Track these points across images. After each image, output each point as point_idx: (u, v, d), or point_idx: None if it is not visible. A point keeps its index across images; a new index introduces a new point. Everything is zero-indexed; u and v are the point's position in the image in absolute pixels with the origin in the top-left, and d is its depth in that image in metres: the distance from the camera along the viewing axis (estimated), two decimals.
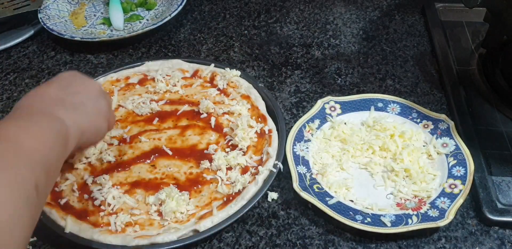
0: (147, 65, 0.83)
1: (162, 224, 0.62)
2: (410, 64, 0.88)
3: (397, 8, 1.02)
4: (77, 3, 1.02)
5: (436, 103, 0.80)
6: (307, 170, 0.68)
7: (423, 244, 0.62)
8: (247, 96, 0.78)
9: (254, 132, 0.72)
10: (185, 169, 0.69)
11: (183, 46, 0.93)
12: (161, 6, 1.01)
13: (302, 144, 0.71)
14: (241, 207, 0.63)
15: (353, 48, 0.92)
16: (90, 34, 0.94)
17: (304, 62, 0.89)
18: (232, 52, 0.91)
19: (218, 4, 1.03)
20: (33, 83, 0.86)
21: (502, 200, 0.65)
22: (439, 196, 0.64)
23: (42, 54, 0.92)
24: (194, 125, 0.74)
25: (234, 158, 0.68)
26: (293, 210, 0.66)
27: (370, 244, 0.62)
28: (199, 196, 0.66)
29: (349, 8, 1.02)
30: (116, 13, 0.96)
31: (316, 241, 0.63)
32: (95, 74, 0.84)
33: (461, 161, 0.67)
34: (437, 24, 0.93)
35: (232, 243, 0.63)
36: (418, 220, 0.61)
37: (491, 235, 0.63)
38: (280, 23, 0.98)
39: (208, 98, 0.78)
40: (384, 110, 0.76)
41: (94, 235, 0.60)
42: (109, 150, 0.70)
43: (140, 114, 0.76)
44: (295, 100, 0.81)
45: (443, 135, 0.71)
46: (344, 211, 0.62)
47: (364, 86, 0.84)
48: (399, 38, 0.94)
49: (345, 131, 0.73)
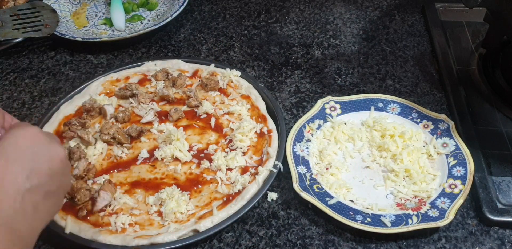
0: (147, 65, 0.83)
1: (162, 224, 0.62)
2: (410, 64, 0.88)
3: (397, 8, 1.02)
4: (78, 3, 1.02)
5: (436, 103, 0.80)
6: (307, 170, 0.68)
7: (423, 244, 0.62)
8: (247, 97, 0.78)
9: (254, 132, 0.72)
10: (185, 169, 0.69)
11: (183, 46, 0.93)
12: (162, 7, 1.01)
13: (302, 144, 0.71)
14: (241, 207, 0.63)
15: (353, 48, 0.92)
16: (91, 34, 0.94)
17: (304, 62, 0.89)
18: (232, 52, 0.91)
19: (218, 4, 1.03)
20: (33, 83, 0.86)
21: (502, 200, 0.65)
22: (439, 196, 0.64)
23: (42, 54, 0.92)
24: (194, 125, 0.74)
25: (233, 158, 0.68)
26: (293, 210, 0.66)
27: (370, 244, 0.62)
28: (199, 196, 0.66)
29: (349, 8, 1.02)
30: (118, 14, 0.96)
31: (316, 241, 0.63)
32: (95, 74, 0.84)
33: (461, 161, 0.67)
34: (437, 24, 0.93)
35: (232, 243, 0.63)
36: (418, 220, 0.61)
37: (491, 235, 0.63)
38: (280, 23, 0.98)
39: (208, 98, 0.78)
40: (384, 111, 0.76)
41: (94, 235, 0.60)
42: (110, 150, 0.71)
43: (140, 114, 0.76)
44: (295, 100, 0.81)
45: (443, 135, 0.71)
46: (344, 211, 0.62)
47: (364, 86, 0.84)
48: (399, 38, 0.94)
49: (345, 131, 0.73)
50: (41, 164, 0.44)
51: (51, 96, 0.84)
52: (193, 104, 0.77)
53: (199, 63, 0.84)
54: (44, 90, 0.85)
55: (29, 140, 0.45)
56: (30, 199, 0.42)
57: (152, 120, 0.75)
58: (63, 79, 0.87)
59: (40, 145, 0.45)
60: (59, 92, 0.84)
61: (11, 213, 0.40)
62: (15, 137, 0.45)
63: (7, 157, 0.43)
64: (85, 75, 0.87)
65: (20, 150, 0.44)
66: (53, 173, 0.45)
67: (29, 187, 0.42)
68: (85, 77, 0.87)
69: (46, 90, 0.85)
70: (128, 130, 0.73)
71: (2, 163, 0.42)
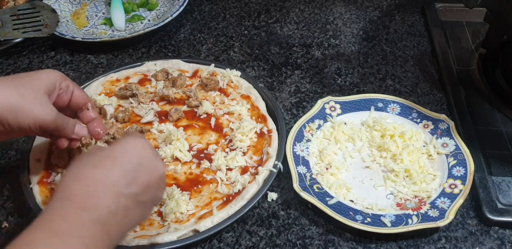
0: (147, 65, 0.84)
1: (162, 224, 0.62)
2: (410, 64, 0.88)
3: (397, 8, 1.02)
4: (78, 3, 1.02)
5: (436, 103, 0.80)
6: (307, 170, 0.68)
7: (423, 244, 0.62)
8: (247, 97, 0.78)
9: (254, 132, 0.72)
10: (185, 169, 0.69)
11: (183, 46, 0.93)
12: (162, 7, 1.01)
13: (302, 144, 0.71)
14: (241, 207, 0.63)
15: (353, 48, 0.92)
16: (91, 34, 0.94)
17: (304, 62, 0.89)
18: (232, 52, 0.91)
19: (218, 4, 1.03)
20: None
21: (502, 200, 0.65)
22: (439, 196, 0.64)
23: (42, 54, 0.92)
24: (194, 125, 0.74)
25: (233, 158, 0.68)
26: (293, 210, 0.66)
27: (370, 244, 0.62)
28: (199, 196, 0.66)
29: (349, 8, 1.02)
30: (118, 14, 0.96)
31: (316, 241, 0.63)
32: (95, 74, 0.84)
33: (461, 161, 0.67)
34: (437, 24, 0.93)
35: (232, 243, 0.63)
36: (418, 220, 0.61)
37: (491, 235, 0.63)
38: (280, 23, 0.98)
39: (208, 98, 0.78)
40: (384, 111, 0.76)
41: None
42: None
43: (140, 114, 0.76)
44: (295, 100, 0.81)
45: (443, 135, 0.71)
46: (344, 211, 0.62)
47: (364, 86, 0.84)
48: (399, 38, 0.94)
49: (345, 131, 0.73)
50: (142, 176, 0.47)
51: None
52: (193, 104, 0.77)
53: (199, 63, 0.84)
54: None
55: (138, 152, 0.49)
56: (124, 203, 0.45)
57: (152, 120, 0.75)
58: None
59: (146, 158, 0.49)
60: None
61: (106, 212, 0.43)
62: (127, 144, 0.49)
63: (115, 161, 0.46)
64: (85, 75, 0.87)
65: (128, 159, 0.47)
66: (150, 186, 0.48)
67: (127, 193, 0.45)
68: (85, 77, 0.87)
69: None
70: (128, 130, 0.73)
71: (110, 165, 0.46)
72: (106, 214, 0.43)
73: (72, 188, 0.44)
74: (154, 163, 0.49)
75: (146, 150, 0.49)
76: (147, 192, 0.48)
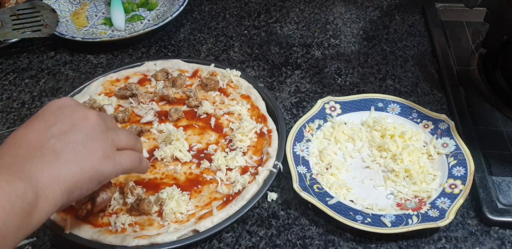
0: (147, 65, 0.83)
1: (162, 224, 0.62)
2: (410, 64, 0.88)
3: (397, 8, 1.02)
4: (78, 3, 1.02)
5: (436, 103, 0.80)
6: (307, 170, 0.68)
7: (423, 244, 0.62)
8: (247, 97, 0.78)
9: (254, 132, 0.72)
10: (185, 169, 0.69)
11: (183, 46, 0.93)
12: (162, 7, 1.01)
13: (302, 144, 0.71)
14: (241, 207, 0.63)
15: (353, 48, 0.92)
16: (91, 34, 0.94)
17: (304, 62, 0.89)
18: (232, 52, 0.91)
19: (218, 4, 1.03)
20: (32, 83, 0.86)
21: (502, 200, 0.65)
22: (439, 196, 0.64)
23: (42, 54, 0.92)
24: (193, 125, 0.74)
25: (233, 158, 0.68)
26: (293, 210, 0.66)
27: (370, 244, 0.62)
28: (199, 196, 0.66)
29: (349, 8, 1.02)
30: (118, 14, 0.96)
31: (316, 241, 0.63)
32: (95, 74, 0.84)
33: (461, 161, 0.67)
34: (437, 24, 0.93)
35: (232, 243, 0.63)
36: (418, 220, 0.61)
37: (491, 235, 0.63)
38: (280, 23, 0.98)
39: (208, 98, 0.78)
40: (384, 111, 0.76)
41: (94, 235, 0.60)
42: None
43: (140, 114, 0.76)
44: (295, 100, 0.81)
45: (443, 135, 0.71)
46: (344, 211, 0.62)
47: (364, 86, 0.84)
48: (399, 38, 0.94)
49: (345, 131, 0.73)
50: (65, 122, 0.49)
51: (51, 96, 0.84)
52: (193, 104, 0.77)
53: (199, 63, 0.84)
54: (44, 90, 0.85)
55: (55, 104, 0.51)
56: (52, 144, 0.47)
57: (152, 120, 0.75)
58: (63, 79, 0.87)
59: (66, 109, 0.51)
60: (59, 92, 0.84)
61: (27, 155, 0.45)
62: (45, 106, 0.52)
63: (36, 117, 0.50)
64: (85, 75, 0.87)
65: (45, 112, 0.50)
66: (76, 124, 0.49)
67: (49, 134, 0.47)
68: (85, 77, 0.87)
69: (46, 90, 0.85)
70: (128, 129, 0.73)
71: (31, 120, 0.49)
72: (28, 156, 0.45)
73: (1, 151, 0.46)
74: (75, 107, 0.51)
75: (64, 100, 0.52)
76: (75, 130, 0.49)
